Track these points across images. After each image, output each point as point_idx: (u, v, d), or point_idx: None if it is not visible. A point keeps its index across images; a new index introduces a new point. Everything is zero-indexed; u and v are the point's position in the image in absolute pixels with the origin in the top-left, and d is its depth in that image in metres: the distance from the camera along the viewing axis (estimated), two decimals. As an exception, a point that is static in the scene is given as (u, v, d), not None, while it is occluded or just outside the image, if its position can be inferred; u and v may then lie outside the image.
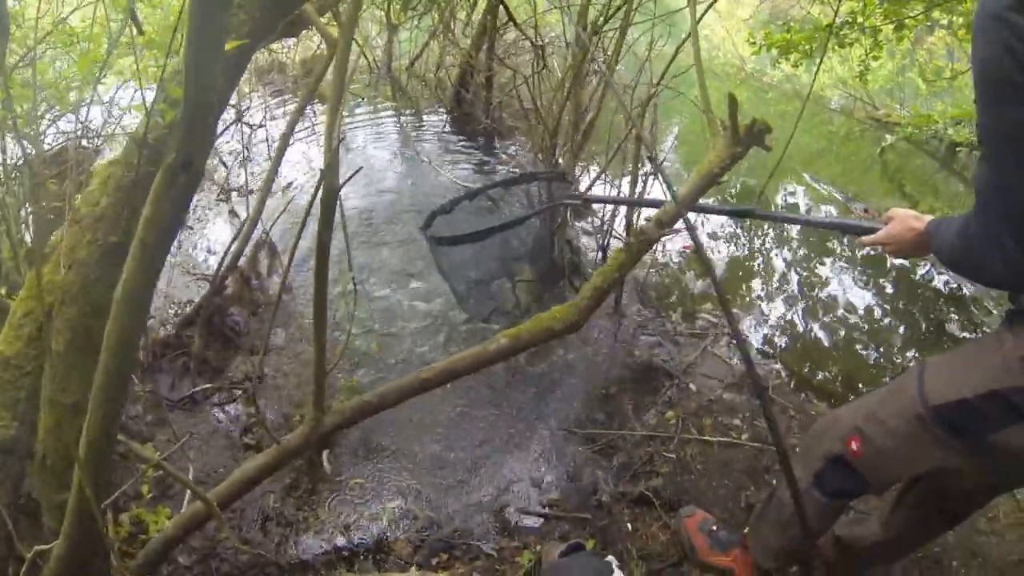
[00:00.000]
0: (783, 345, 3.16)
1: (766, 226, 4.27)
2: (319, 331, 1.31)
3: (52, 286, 1.50)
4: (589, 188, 3.44)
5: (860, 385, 2.93)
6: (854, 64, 4.73)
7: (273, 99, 6.05)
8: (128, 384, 1.26)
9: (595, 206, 3.67)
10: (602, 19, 3.10)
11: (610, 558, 1.60)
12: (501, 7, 4.46)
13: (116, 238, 1.45)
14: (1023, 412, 1.13)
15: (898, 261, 3.75)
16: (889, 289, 3.71)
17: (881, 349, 3.22)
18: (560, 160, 3.51)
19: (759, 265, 3.85)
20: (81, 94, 2.94)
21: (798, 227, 4.15)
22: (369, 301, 3.03)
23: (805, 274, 3.79)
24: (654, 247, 2.97)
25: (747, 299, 3.52)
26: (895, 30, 3.96)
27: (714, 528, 1.96)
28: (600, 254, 3.32)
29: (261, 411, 1.45)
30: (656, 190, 3.30)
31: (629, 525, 2.13)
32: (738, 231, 4.13)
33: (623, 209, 3.38)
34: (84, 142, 3.55)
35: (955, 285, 3.68)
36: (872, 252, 3.79)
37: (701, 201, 1.51)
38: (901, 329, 3.39)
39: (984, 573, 2.02)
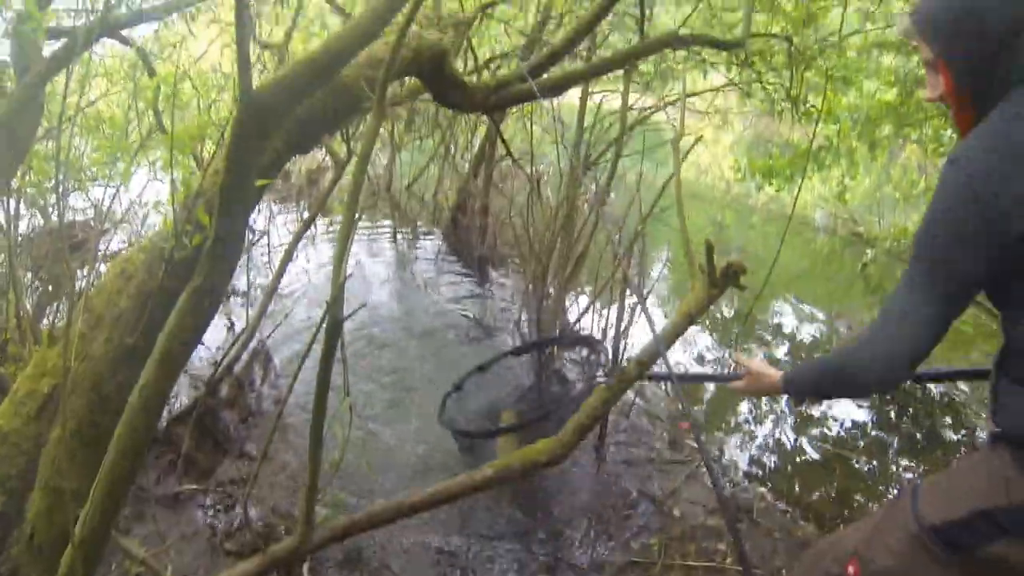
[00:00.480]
0: (771, 466, 3.17)
1: (755, 347, 4.41)
2: (314, 452, 1.32)
3: (56, 370, 1.56)
4: (580, 317, 3.51)
5: (858, 497, 2.92)
6: (833, 185, 5.02)
7: (277, 206, 6.32)
8: (132, 483, 1.29)
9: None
10: (594, 154, 3.31)
11: None
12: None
13: (132, 340, 1.53)
14: (1006, 528, 1.20)
15: None
16: (879, 400, 3.75)
17: (875, 463, 3.22)
18: (551, 290, 3.61)
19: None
20: (99, 174, 3.06)
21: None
22: (362, 433, 3.02)
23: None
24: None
25: (733, 421, 3.56)
26: (869, 149, 4.26)
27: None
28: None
29: (251, 518, 1.47)
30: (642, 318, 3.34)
31: (611, 653, 2.09)
32: (725, 354, 4.24)
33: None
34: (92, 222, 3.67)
35: (945, 392, 3.73)
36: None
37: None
38: (895, 441, 3.41)
39: None
